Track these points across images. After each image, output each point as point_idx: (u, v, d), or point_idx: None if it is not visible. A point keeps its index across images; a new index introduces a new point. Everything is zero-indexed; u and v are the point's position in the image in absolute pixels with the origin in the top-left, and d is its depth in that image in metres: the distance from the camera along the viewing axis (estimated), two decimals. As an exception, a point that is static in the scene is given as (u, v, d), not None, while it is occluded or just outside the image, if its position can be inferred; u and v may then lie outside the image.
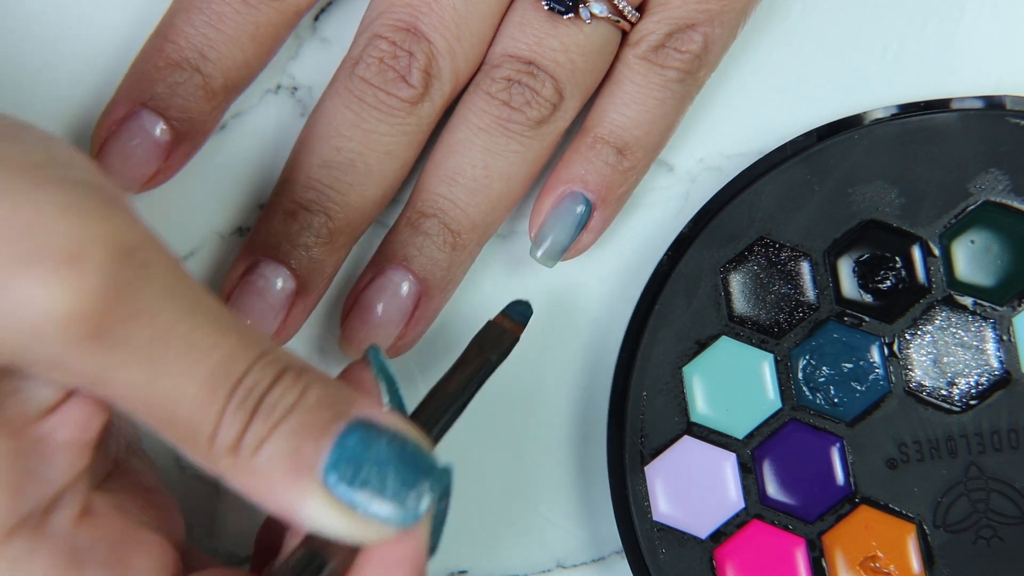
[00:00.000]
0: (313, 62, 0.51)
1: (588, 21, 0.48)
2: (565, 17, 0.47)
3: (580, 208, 0.49)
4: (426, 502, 0.39)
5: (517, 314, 0.46)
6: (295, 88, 0.51)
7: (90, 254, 0.37)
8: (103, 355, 0.38)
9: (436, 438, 0.43)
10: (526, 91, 0.47)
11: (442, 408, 0.43)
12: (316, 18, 0.51)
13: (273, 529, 0.45)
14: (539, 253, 0.49)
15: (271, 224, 0.47)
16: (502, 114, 0.48)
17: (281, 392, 0.39)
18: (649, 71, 0.48)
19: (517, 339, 0.45)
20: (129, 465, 0.43)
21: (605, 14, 0.48)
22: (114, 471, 0.43)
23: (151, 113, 0.47)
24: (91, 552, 0.40)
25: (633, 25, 0.48)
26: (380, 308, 0.48)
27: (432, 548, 0.42)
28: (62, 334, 0.37)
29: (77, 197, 0.38)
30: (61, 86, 0.50)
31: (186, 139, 0.47)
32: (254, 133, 0.51)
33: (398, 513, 0.39)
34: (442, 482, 0.39)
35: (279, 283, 0.47)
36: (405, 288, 0.48)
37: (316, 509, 0.39)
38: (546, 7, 0.47)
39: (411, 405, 0.44)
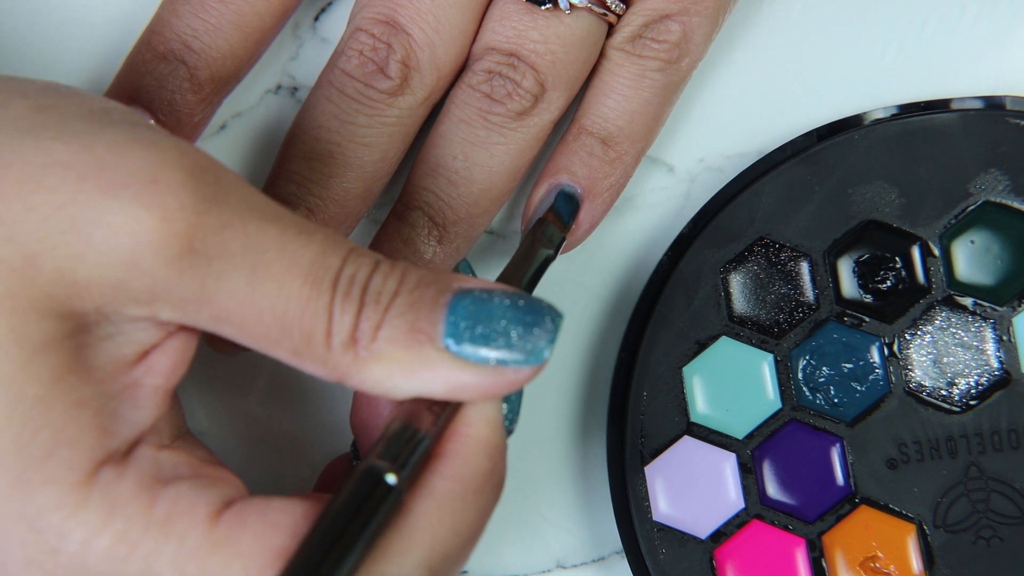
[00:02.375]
0: (313, 62, 0.51)
1: (568, 12, 0.48)
2: (544, 8, 0.48)
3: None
4: (551, 337, 0.40)
5: (565, 213, 0.48)
6: (295, 88, 0.51)
7: (167, 176, 0.39)
8: (202, 268, 0.39)
9: None
10: (507, 83, 0.48)
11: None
12: (316, 18, 0.51)
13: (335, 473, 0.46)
14: None
15: None
16: (483, 106, 0.48)
17: (382, 279, 0.40)
18: (626, 61, 0.48)
19: (564, 238, 0.48)
20: (185, 439, 0.44)
21: (585, 4, 0.48)
22: (175, 440, 0.43)
23: (139, 107, 0.47)
24: (175, 470, 0.41)
25: (620, 17, 0.49)
26: None
27: (509, 429, 0.43)
28: (159, 255, 0.39)
29: (141, 132, 0.40)
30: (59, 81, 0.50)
31: (175, 132, 0.47)
32: (254, 133, 0.51)
33: (526, 354, 0.40)
34: (560, 320, 0.41)
35: None
36: None
37: (445, 374, 0.40)
38: None
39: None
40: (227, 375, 0.51)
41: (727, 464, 0.50)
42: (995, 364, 0.50)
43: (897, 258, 0.50)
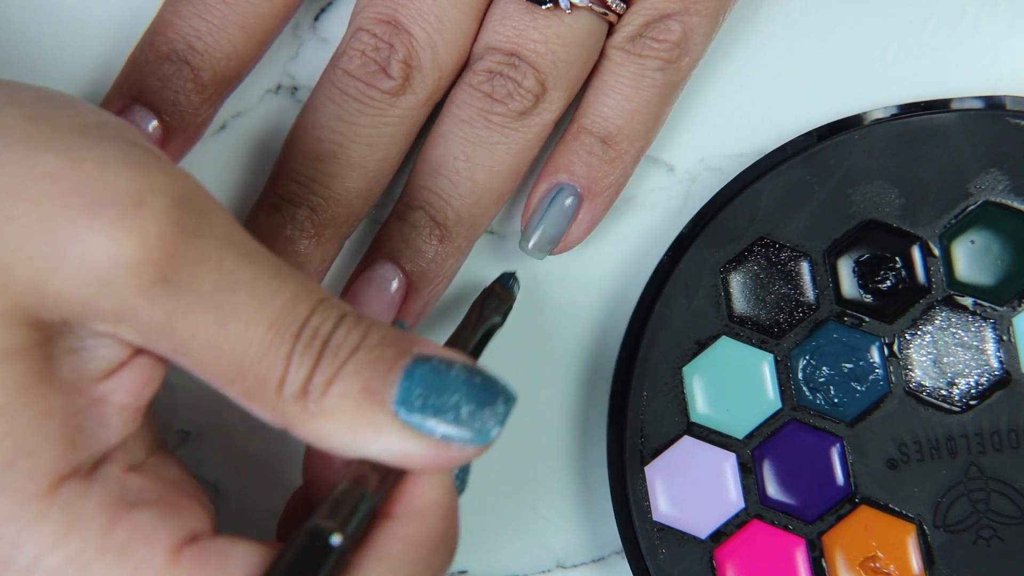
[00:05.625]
0: (313, 62, 0.51)
1: (568, 11, 0.48)
2: (544, 8, 0.48)
3: (568, 199, 0.49)
4: (500, 419, 0.40)
5: (506, 282, 0.48)
6: (295, 88, 0.51)
7: (153, 201, 0.38)
8: (171, 300, 0.38)
9: None
10: (508, 83, 0.48)
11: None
12: (316, 18, 0.51)
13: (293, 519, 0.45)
14: (528, 245, 0.49)
15: (257, 219, 0.48)
16: (484, 106, 0.48)
17: (345, 332, 0.40)
18: (627, 60, 0.48)
19: (511, 305, 0.47)
20: (158, 458, 0.44)
21: (586, 3, 0.48)
22: (146, 460, 0.43)
23: (143, 108, 0.47)
24: (141, 494, 0.40)
25: (620, 17, 0.49)
26: (367, 302, 0.48)
27: (460, 489, 0.43)
28: (131, 279, 0.38)
29: (133, 152, 0.39)
30: (59, 82, 0.50)
31: (178, 133, 0.47)
32: (254, 133, 0.51)
33: (473, 433, 0.40)
34: (512, 403, 0.40)
35: None
36: (392, 281, 0.48)
37: (391, 440, 0.40)
38: None
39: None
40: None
41: (727, 464, 0.50)
42: (995, 364, 0.50)
43: (897, 258, 0.50)
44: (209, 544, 0.40)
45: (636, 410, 0.50)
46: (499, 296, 0.47)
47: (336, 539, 0.39)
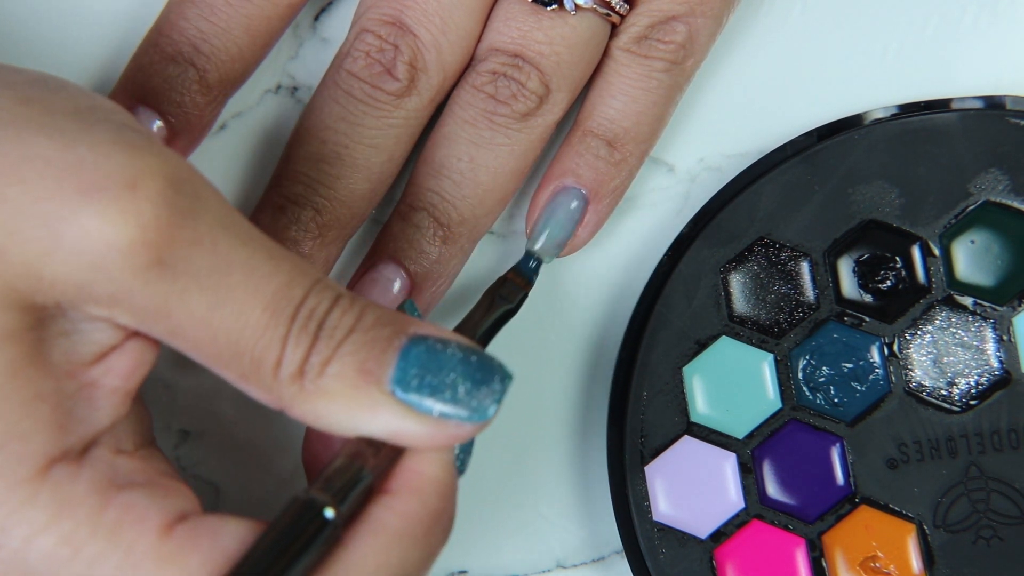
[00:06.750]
0: (313, 62, 0.51)
1: (573, 12, 0.48)
2: (549, 9, 0.48)
3: (574, 203, 0.49)
4: (497, 397, 0.40)
5: (524, 268, 0.48)
6: (295, 88, 0.51)
7: (147, 183, 0.38)
8: (167, 282, 0.38)
9: None
10: (512, 84, 0.48)
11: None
12: (316, 18, 0.51)
13: None
14: (534, 249, 0.49)
15: (261, 220, 0.48)
16: (488, 107, 0.48)
17: (340, 314, 0.40)
18: (633, 62, 0.48)
19: (527, 293, 0.48)
20: (147, 451, 0.44)
21: (590, 5, 0.48)
22: (135, 452, 0.43)
23: (147, 109, 0.47)
24: (130, 476, 0.40)
25: (623, 18, 0.49)
26: None
27: (461, 470, 0.43)
28: (126, 262, 0.38)
29: (126, 135, 0.39)
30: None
31: (183, 134, 0.47)
32: (254, 133, 0.51)
33: (470, 411, 0.40)
34: (509, 381, 0.40)
35: None
36: (395, 282, 0.48)
37: (388, 418, 0.40)
38: (530, 0, 0.48)
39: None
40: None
41: (727, 464, 0.50)
42: (995, 364, 0.50)
43: (897, 258, 0.50)
44: (200, 521, 0.40)
45: (636, 410, 0.50)
46: (513, 283, 0.48)
47: (330, 512, 0.39)
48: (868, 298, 0.50)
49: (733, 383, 0.50)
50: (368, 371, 0.40)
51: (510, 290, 0.48)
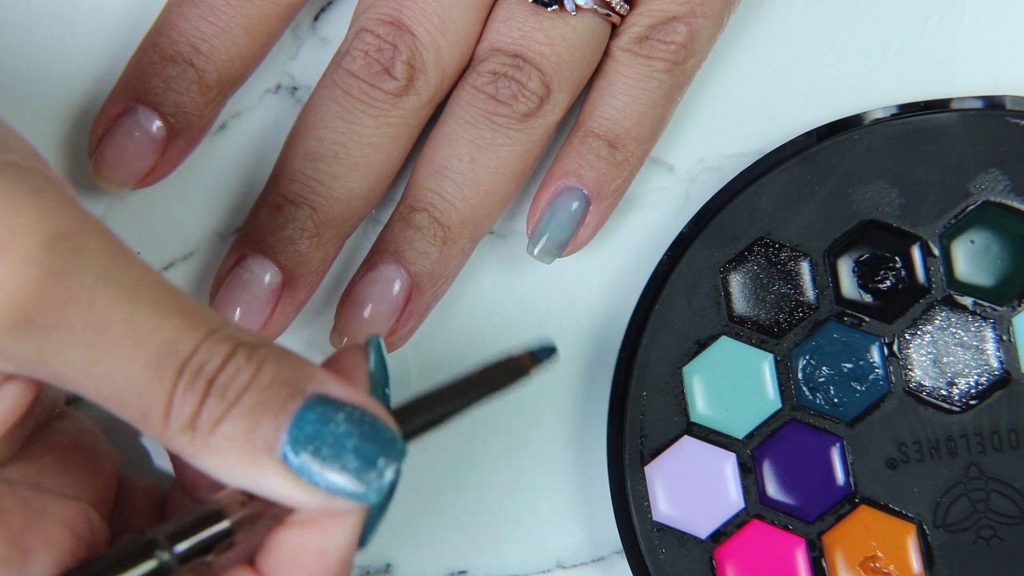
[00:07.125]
0: (313, 62, 0.51)
1: (573, 13, 0.48)
2: (549, 9, 0.48)
3: (576, 203, 0.49)
4: (388, 477, 0.39)
5: (543, 355, 0.43)
6: (295, 88, 0.51)
7: (17, 245, 0.37)
8: (38, 340, 0.38)
9: (411, 433, 0.41)
10: (513, 84, 0.48)
11: (429, 408, 0.42)
12: (316, 18, 0.51)
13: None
14: (536, 249, 0.49)
15: (258, 218, 0.48)
16: (488, 107, 0.48)
17: (234, 370, 0.38)
18: (633, 62, 0.48)
19: (528, 376, 0.43)
20: (51, 428, 0.43)
21: (591, 5, 0.48)
22: (35, 435, 0.43)
23: (147, 108, 0.47)
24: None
25: (624, 19, 0.49)
26: (371, 302, 0.48)
27: (363, 541, 0.41)
28: None
29: (4, 184, 0.38)
30: (61, 82, 0.50)
31: (182, 134, 0.47)
32: (254, 133, 0.51)
33: (359, 488, 0.39)
34: (400, 458, 0.39)
35: (266, 277, 0.47)
36: (395, 282, 0.48)
37: (276, 484, 0.39)
38: (531, 0, 0.48)
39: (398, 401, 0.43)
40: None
41: (727, 464, 0.50)
42: (995, 364, 0.50)
43: (897, 258, 0.50)
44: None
45: (636, 410, 0.50)
46: (522, 365, 0.42)
47: (164, 556, 0.39)
48: (868, 298, 0.50)
49: (733, 383, 0.50)
50: (260, 435, 0.38)
51: (514, 372, 0.42)
